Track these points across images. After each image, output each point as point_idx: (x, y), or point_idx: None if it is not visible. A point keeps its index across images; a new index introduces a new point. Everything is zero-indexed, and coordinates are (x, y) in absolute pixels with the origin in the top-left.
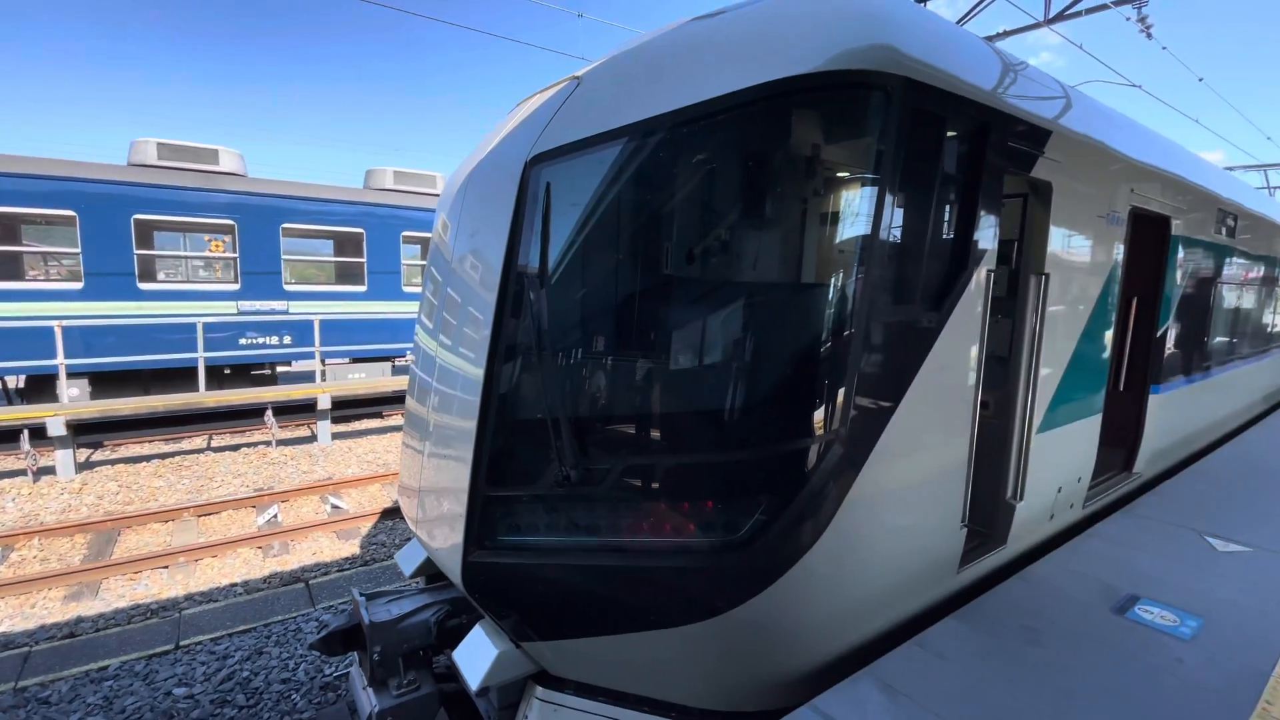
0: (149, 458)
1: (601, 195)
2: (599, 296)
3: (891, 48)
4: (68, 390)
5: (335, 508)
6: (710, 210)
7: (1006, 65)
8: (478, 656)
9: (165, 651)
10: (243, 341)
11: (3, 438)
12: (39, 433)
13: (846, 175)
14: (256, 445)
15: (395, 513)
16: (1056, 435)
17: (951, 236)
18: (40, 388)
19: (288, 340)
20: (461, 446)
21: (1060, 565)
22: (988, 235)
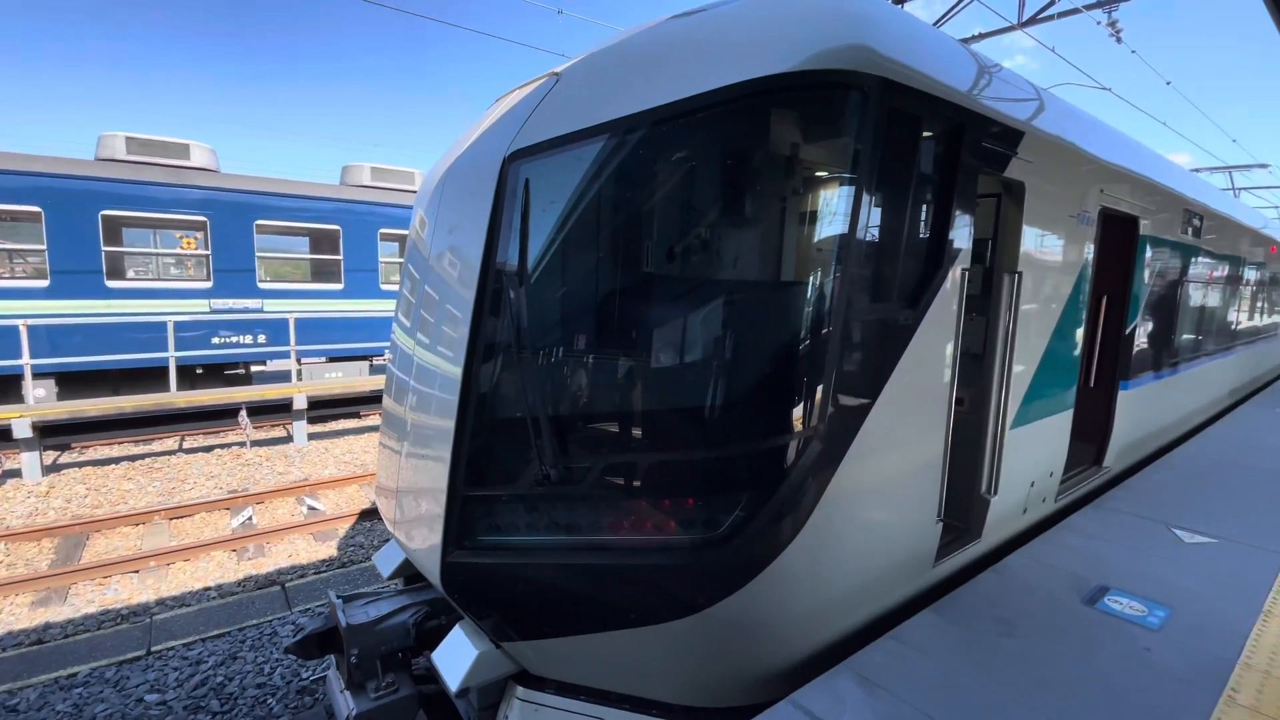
0: (118, 460)
1: (580, 192)
2: (578, 294)
3: (868, 48)
4: (34, 391)
5: (312, 509)
6: (688, 208)
7: (981, 67)
8: (457, 657)
9: (136, 657)
10: (215, 340)
11: None
12: (4, 435)
13: (823, 174)
14: (230, 446)
15: (373, 514)
16: (1029, 431)
17: (927, 235)
18: (5, 389)
19: (262, 339)
20: (440, 446)
21: (1033, 558)
22: (962, 234)
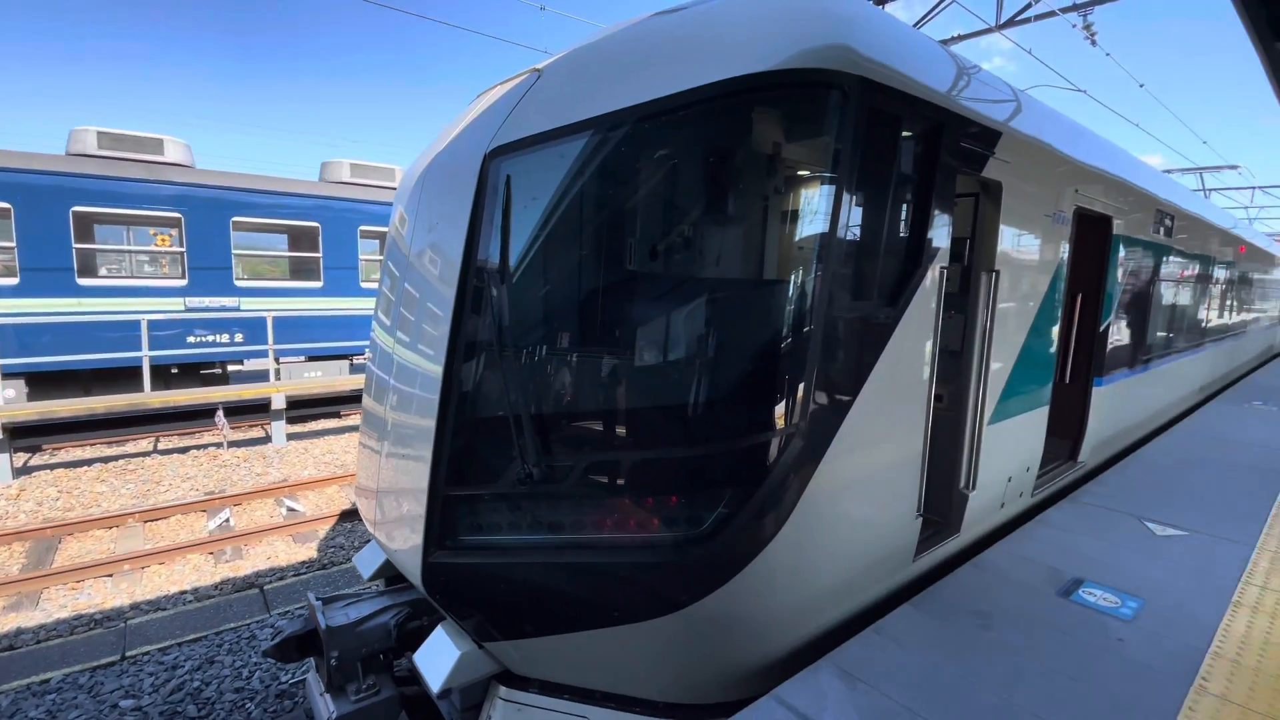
0: (90, 462)
1: (562, 189)
2: (560, 291)
3: (848, 48)
4: (3, 392)
5: (291, 510)
6: (670, 206)
7: (960, 68)
8: (439, 658)
9: (111, 663)
10: (191, 339)
11: None
12: None
13: (804, 173)
14: (206, 447)
15: (354, 514)
16: (1007, 427)
17: (906, 234)
18: None
19: (239, 338)
20: (420, 445)
21: (1010, 552)
22: (941, 233)
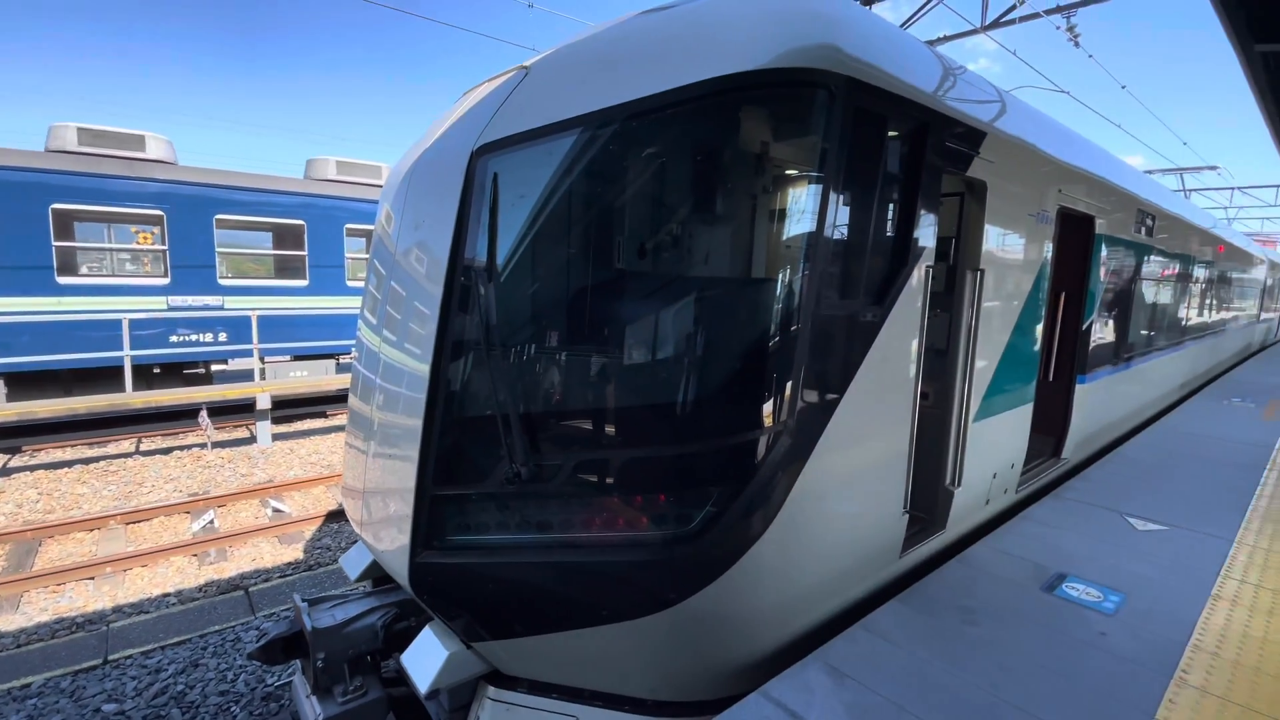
0: (71, 463)
1: (549, 186)
2: (547, 290)
3: (835, 48)
4: None
5: (276, 511)
6: (656, 204)
7: (945, 68)
8: (427, 659)
9: (93, 666)
10: (173, 339)
11: None
12: None
13: (791, 172)
14: (190, 448)
15: (340, 515)
16: (991, 424)
17: (892, 233)
18: None
19: (223, 337)
20: (407, 445)
21: (995, 547)
22: (927, 232)
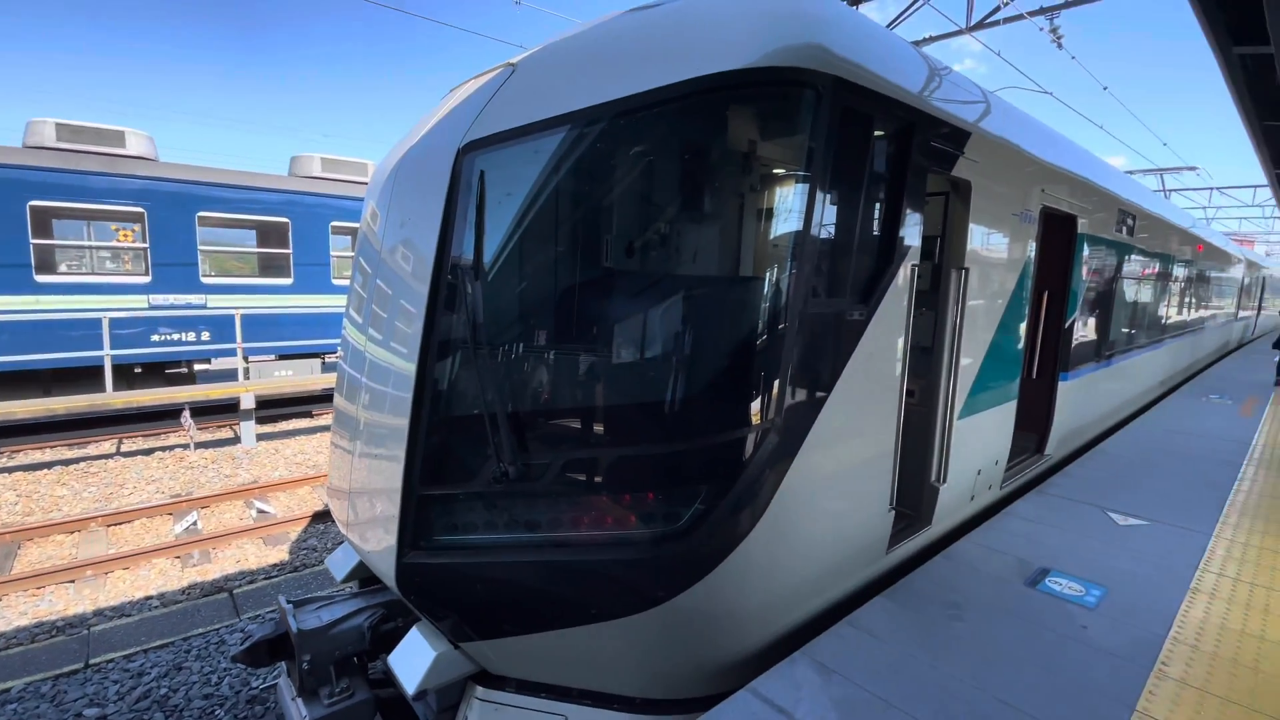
0: (51, 464)
1: (536, 184)
2: (534, 288)
3: (822, 47)
4: None
5: (261, 512)
6: (643, 202)
7: (931, 69)
8: (414, 659)
9: (74, 671)
10: (155, 338)
11: None
12: None
13: (778, 171)
14: (173, 449)
15: (326, 516)
16: (976, 421)
17: (878, 232)
18: None
19: (206, 336)
20: (393, 445)
21: (979, 543)
22: (912, 231)
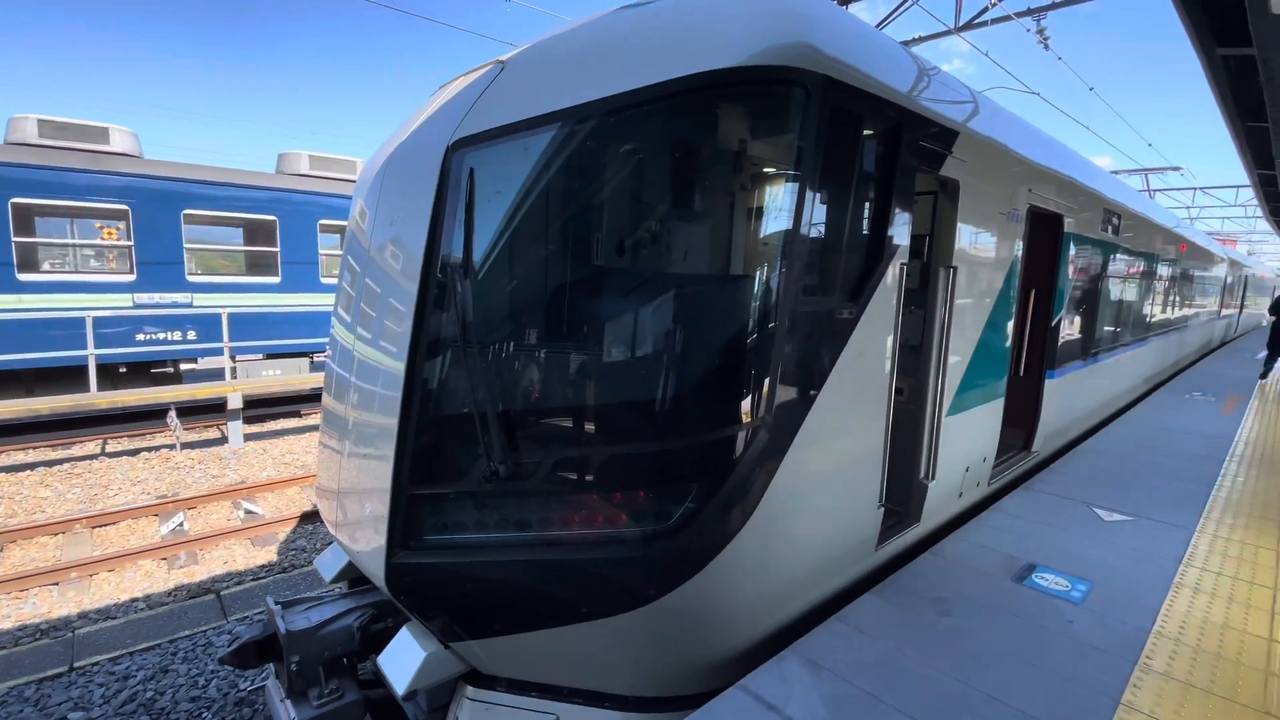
0: (34, 465)
1: (526, 182)
2: (524, 286)
3: (812, 46)
4: None
5: (249, 513)
6: (633, 200)
7: (920, 69)
8: (404, 660)
9: (58, 674)
10: (140, 337)
11: None
12: None
13: (768, 170)
14: (158, 449)
15: (315, 516)
16: (964, 419)
17: (867, 231)
18: None
19: (192, 335)
20: (383, 444)
21: (968, 539)
22: (901, 230)
